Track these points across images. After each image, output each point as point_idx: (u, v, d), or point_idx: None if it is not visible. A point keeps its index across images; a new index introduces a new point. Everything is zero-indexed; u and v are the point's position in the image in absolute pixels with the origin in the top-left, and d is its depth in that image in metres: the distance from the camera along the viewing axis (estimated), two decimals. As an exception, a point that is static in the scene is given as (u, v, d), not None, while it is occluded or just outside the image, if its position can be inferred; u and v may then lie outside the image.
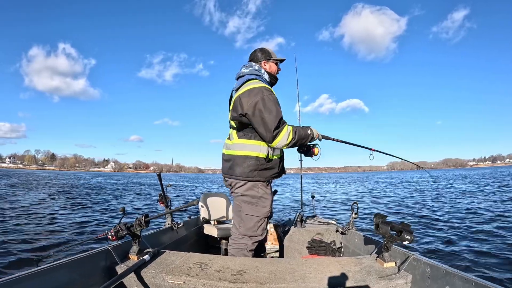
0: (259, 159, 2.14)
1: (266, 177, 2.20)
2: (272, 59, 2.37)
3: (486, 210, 9.03)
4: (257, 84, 2.14)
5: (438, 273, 1.49)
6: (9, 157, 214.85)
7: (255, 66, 2.32)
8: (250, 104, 2.06)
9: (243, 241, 2.23)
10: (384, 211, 9.98)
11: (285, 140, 2.08)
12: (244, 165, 2.15)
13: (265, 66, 2.35)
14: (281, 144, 2.09)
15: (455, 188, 19.49)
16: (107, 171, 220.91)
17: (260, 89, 2.09)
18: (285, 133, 2.07)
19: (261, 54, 2.36)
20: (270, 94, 2.10)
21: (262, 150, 2.14)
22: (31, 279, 1.31)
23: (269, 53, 2.37)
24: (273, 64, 2.38)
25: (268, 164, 2.18)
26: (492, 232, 6.01)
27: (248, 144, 2.17)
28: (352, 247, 2.57)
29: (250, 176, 2.15)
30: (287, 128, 2.09)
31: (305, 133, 2.18)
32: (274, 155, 2.20)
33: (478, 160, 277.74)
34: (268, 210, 2.22)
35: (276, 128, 2.04)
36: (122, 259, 1.83)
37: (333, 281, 1.57)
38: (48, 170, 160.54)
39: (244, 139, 2.19)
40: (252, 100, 2.06)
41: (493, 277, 3.66)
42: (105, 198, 15.36)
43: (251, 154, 2.15)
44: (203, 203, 3.67)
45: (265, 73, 2.31)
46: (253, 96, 2.07)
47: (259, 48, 2.40)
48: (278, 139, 2.06)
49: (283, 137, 2.07)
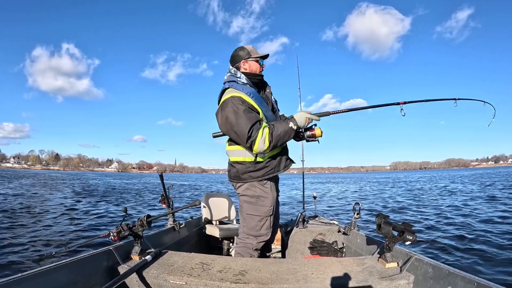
0: (246, 163, 2.16)
1: (259, 176, 2.17)
2: (251, 58, 2.21)
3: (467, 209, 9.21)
4: (226, 95, 2.09)
5: (440, 274, 1.49)
6: (14, 157, 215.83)
7: (231, 70, 2.23)
8: (223, 120, 2.06)
9: (249, 241, 2.23)
10: (386, 211, 9.96)
11: (262, 146, 1.99)
12: (234, 169, 2.22)
13: (244, 66, 2.22)
14: (260, 150, 2.01)
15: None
16: (110, 171, 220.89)
17: (228, 101, 2.04)
18: (259, 140, 1.97)
19: (240, 54, 2.22)
20: (238, 103, 2.01)
21: (248, 154, 2.14)
22: (33, 279, 1.31)
23: (248, 51, 2.21)
24: (253, 62, 2.22)
25: (257, 166, 2.15)
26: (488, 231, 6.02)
27: (234, 150, 2.20)
28: (354, 247, 2.56)
29: (242, 178, 2.19)
30: (261, 134, 1.98)
31: (284, 129, 2.03)
32: (266, 156, 2.15)
33: (481, 160, 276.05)
34: (269, 209, 2.20)
35: (249, 138, 1.98)
36: (124, 260, 1.84)
37: (335, 282, 1.57)
38: (53, 170, 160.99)
39: (232, 146, 2.23)
40: (223, 115, 2.05)
41: (495, 277, 3.65)
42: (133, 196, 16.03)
43: (238, 159, 2.19)
44: (205, 203, 3.68)
45: (242, 76, 2.17)
46: (222, 111, 2.06)
47: (238, 47, 2.26)
48: (255, 147, 2.00)
49: (259, 145, 1.98)
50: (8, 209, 9.42)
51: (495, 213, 8.34)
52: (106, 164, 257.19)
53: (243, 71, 2.20)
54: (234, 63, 2.24)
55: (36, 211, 9.37)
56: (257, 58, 2.23)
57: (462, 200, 11.85)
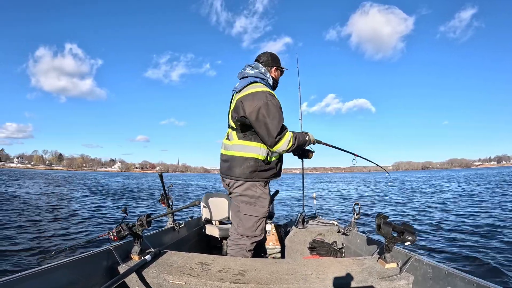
0: (258, 161, 2.15)
1: (265, 177, 2.21)
2: (280, 67, 2.43)
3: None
4: (261, 88, 2.13)
5: (440, 274, 1.49)
6: (17, 157, 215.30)
7: (261, 69, 2.31)
8: (253, 108, 2.06)
9: (242, 242, 2.23)
10: (386, 211, 9.98)
11: (285, 146, 2.13)
12: (244, 166, 2.16)
13: (275, 72, 2.40)
14: (281, 149, 2.14)
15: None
16: (114, 171, 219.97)
17: (264, 94, 2.09)
18: (286, 139, 2.12)
19: (272, 59, 2.38)
20: (273, 99, 2.11)
21: (262, 152, 2.15)
22: (33, 278, 1.32)
23: (279, 61, 2.42)
24: (280, 72, 2.45)
25: (266, 166, 2.19)
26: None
27: (248, 146, 2.17)
28: (354, 247, 2.56)
29: (250, 177, 2.16)
30: (288, 135, 2.13)
31: (303, 139, 2.26)
32: (273, 157, 2.22)
33: (483, 160, 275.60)
34: (266, 210, 2.23)
35: (279, 134, 2.07)
36: (124, 259, 1.84)
37: (334, 282, 1.57)
38: (56, 170, 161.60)
39: (244, 141, 2.18)
40: (256, 104, 2.06)
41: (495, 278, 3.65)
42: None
43: (251, 155, 2.15)
44: (205, 203, 3.68)
45: (270, 78, 2.33)
46: (257, 100, 2.06)
47: (270, 53, 2.41)
48: (279, 145, 2.10)
49: (284, 143, 2.11)
50: (20, 208, 9.54)
51: (470, 210, 9.20)
52: (109, 164, 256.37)
53: (272, 76, 2.37)
54: (266, 65, 2.36)
55: (62, 210, 9.62)
56: (283, 69, 2.47)
57: (446, 198, 12.97)
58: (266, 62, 2.36)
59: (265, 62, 2.36)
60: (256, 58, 2.42)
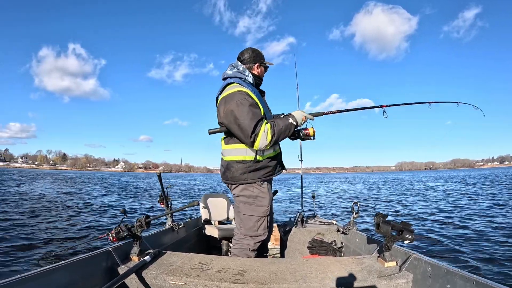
0: (247, 162, 2.14)
1: (258, 177, 2.17)
2: (264, 63, 2.35)
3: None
4: (233, 89, 2.10)
5: (439, 272, 1.49)
6: (21, 157, 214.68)
7: (239, 67, 2.27)
8: (225, 111, 2.06)
9: (245, 242, 2.22)
10: (384, 210, 10.01)
11: (264, 141, 2.02)
12: (233, 169, 2.17)
13: (258, 69, 2.32)
14: (262, 145, 2.03)
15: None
16: (117, 171, 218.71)
17: (235, 94, 2.06)
18: (262, 134, 2.00)
19: (254, 56, 2.31)
20: (245, 97, 2.05)
21: (248, 153, 2.13)
22: (32, 280, 1.31)
23: (263, 57, 2.34)
24: (263, 68, 2.36)
25: (258, 165, 2.15)
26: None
27: (234, 149, 2.18)
28: (353, 246, 2.57)
29: (242, 179, 2.16)
30: (263, 128, 2.01)
31: (285, 124, 2.11)
32: (265, 155, 2.17)
33: (486, 161, 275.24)
34: (266, 209, 2.20)
35: (253, 132, 2.00)
36: (123, 260, 1.84)
37: (334, 281, 1.57)
38: (61, 170, 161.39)
39: (230, 144, 2.20)
40: (227, 107, 2.05)
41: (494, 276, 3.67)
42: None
43: (238, 158, 2.15)
44: (203, 203, 3.67)
45: (250, 75, 2.26)
46: (227, 103, 2.06)
47: (252, 48, 2.33)
48: (257, 142, 2.01)
49: (262, 139, 2.01)
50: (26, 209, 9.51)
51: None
52: (113, 164, 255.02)
53: (254, 73, 2.29)
54: (245, 62, 2.29)
55: (77, 208, 9.73)
56: (267, 64, 2.38)
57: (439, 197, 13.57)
58: (248, 59, 2.29)
59: (247, 59, 2.30)
60: (238, 55, 2.34)
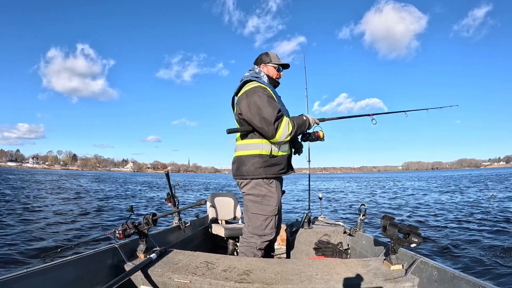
0: (263, 156, 2.18)
1: (273, 173, 2.21)
2: (271, 63, 2.42)
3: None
4: (253, 84, 2.21)
5: (445, 277, 1.47)
6: (32, 157, 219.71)
7: (255, 69, 2.40)
8: (247, 104, 2.15)
9: (253, 240, 2.24)
10: (392, 212, 9.91)
11: (286, 131, 2.10)
12: (249, 163, 2.20)
13: (263, 69, 2.41)
14: (284, 135, 2.11)
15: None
16: (126, 171, 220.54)
17: (255, 88, 2.16)
18: (285, 123, 2.10)
19: (262, 58, 2.43)
20: (264, 90, 2.15)
21: (265, 147, 2.18)
22: (39, 275, 1.34)
23: (270, 57, 2.43)
24: (271, 68, 2.42)
25: (273, 160, 2.20)
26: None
27: (250, 144, 2.22)
28: (359, 248, 2.55)
29: (256, 173, 2.18)
30: (285, 119, 2.12)
31: (301, 120, 2.24)
32: (279, 151, 2.22)
33: (492, 160, 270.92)
34: (274, 208, 2.22)
35: (276, 120, 2.07)
36: (129, 257, 1.86)
37: (339, 283, 1.56)
38: (71, 170, 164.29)
39: (246, 139, 2.25)
40: (249, 99, 2.14)
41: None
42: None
43: (254, 152, 2.20)
44: (211, 202, 3.69)
45: (264, 76, 2.36)
46: (249, 96, 2.15)
47: (264, 52, 2.47)
48: (280, 131, 2.08)
49: (284, 128, 2.09)
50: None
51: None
52: (122, 164, 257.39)
53: (266, 74, 2.39)
54: (258, 64, 2.44)
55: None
56: (275, 65, 2.43)
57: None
58: (258, 61, 2.45)
59: (258, 62, 2.45)
60: (254, 61, 2.52)
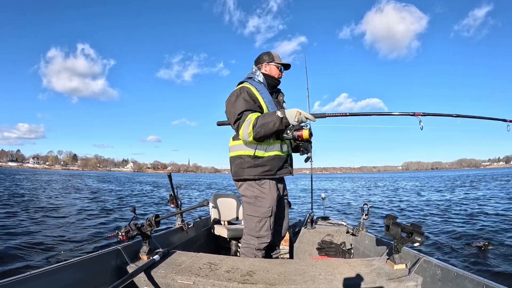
0: (244, 157, 2.19)
1: (254, 174, 2.16)
2: (273, 62, 2.41)
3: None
4: (239, 86, 2.27)
5: (449, 276, 1.47)
6: (33, 157, 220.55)
7: (253, 69, 2.43)
8: (226, 104, 2.24)
9: (251, 242, 2.24)
10: (394, 212, 9.89)
11: (246, 130, 2.03)
12: (234, 165, 2.26)
13: (265, 68, 2.40)
14: (244, 134, 2.05)
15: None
16: (126, 171, 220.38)
17: (236, 89, 2.23)
18: (245, 122, 2.04)
19: (263, 57, 2.44)
20: (242, 91, 2.17)
21: (247, 148, 2.18)
22: (42, 278, 1.34)
23: (272, 57, 2.43)
24: (273, 67, 2.40)
25: (256, 161, 2.15)
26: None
27: (236, 145, 2.26)
28: (362, 248, 2.54)
29: (239, 174, 2.20)
30: (248, 117, 2.04)
31: (270, 117, 1.99)
32: (266, 152, 2.16)
33: (492, 161, 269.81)
34: (267, 210, 2.17)
35: (237, 120, 2.09)
36: (132, 259, 1.86)
37: (343, 283, 1.56)
38: (72, 170, 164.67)
39: (234, 141, 2.29)
40: (227, 100, 2.23)
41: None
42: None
43: (238, 153, 2.23)
44: (213, 203, 3.69)
45: (260, 75, 2.36)
46: (229, 97, 2.23)
47: (265, 52, 2.47)
48: (240, 130, 2.08)
49: (244, 128, 2.05)
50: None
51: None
52: (122, 164, 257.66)
53: (263, 72, 2.39)
54: (257, 64, 2.45)
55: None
56: (277, 64, 2.42)
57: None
58: (256, 62, 2.47)
59: (256, 62, 2.47)
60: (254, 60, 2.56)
